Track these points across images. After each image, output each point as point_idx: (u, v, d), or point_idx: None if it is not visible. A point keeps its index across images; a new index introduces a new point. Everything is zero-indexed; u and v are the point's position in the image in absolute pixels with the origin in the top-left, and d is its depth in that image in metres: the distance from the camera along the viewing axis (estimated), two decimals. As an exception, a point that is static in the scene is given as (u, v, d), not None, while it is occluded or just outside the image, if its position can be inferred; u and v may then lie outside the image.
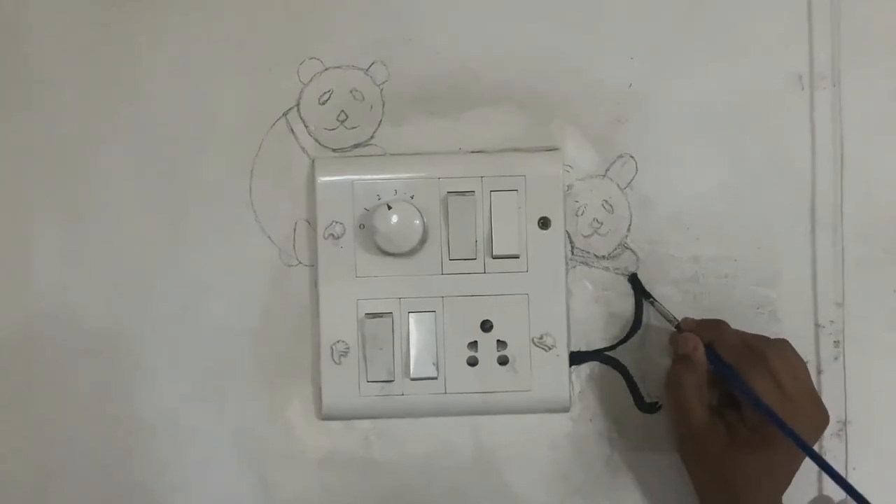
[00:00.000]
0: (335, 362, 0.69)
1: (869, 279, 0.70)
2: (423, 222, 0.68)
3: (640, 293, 0.69)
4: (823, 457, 0.69)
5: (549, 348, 0.69)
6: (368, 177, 0.69)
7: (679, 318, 0.68)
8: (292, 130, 0.70)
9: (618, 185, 0.70)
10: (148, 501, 0.70)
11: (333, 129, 0.70)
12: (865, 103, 0.70)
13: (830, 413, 0.69)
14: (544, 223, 0.69)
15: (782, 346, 0.64)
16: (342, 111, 0.70)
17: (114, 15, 0.70)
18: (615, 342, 0.70)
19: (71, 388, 0.70)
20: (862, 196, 0.70)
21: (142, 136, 0.70)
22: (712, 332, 0.65)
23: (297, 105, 0.70)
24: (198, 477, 0.70)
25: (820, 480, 0.70)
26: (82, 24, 0.70)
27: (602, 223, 0.70)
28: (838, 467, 0.69)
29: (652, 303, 0.69)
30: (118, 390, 0.70)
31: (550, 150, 0.70)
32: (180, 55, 0.70)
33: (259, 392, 0.70)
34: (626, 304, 0.70)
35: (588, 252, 0.70)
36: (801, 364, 0.64)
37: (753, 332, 0.68)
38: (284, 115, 0.70)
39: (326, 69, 0.70)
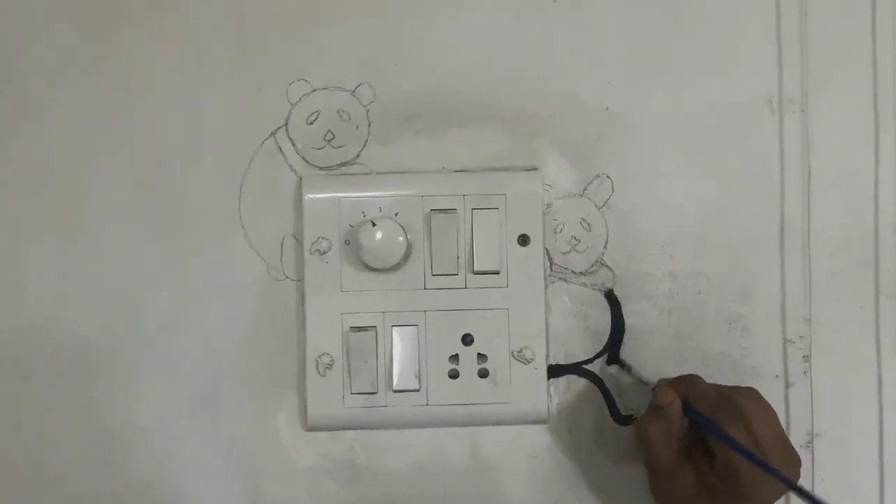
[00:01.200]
0: (320, 374, 0.70)
1: (837, 296, 0.73)
2: (407, 239, 0.70)
3: (617, 363, 0.71)
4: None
5: (528, 361, 0.71)
6: (354, 194, 0.71)
7: (654, 376, 0.70)
8: (280, 149, 0.72)
9: (595, 204, 0.72)
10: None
11: (321, 148, 0.72)
12: (831, 126, 0.73)
13: (799, 425, 0.71)
14: (524, 240, 0.71)
15: (753, 394, 0.65)
16: (329, 131, 0.72)
17: (108, 35, 0.71)
18: (592, 356, 0.72)
19: (62, 399, 0.71)
20: (829, 215, 0.73)
21: (135, 153, 0.71)
22: (686, 386, 0.66)
23: (286, 125, 0.72)
24: (187, 487, 0.71)
25: None
26: (77, 43, 0.71)
27: (580, 240, 0.72)
28: (807, 478, 0.71)
29: (628, 370, 0.71)
30: (108, 401, 0.71)
31: (530, 169, 0.72)
32: (173, 76, 0.71)
33: (247, 403, 0.71)
34: (603, 319, 0.72)
35: (566, 268, 0.72)
36: (772, 411, 0.65)
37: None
38: (273, 134, 0.72)
39: (314, 90, 0.72)
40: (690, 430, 0.66)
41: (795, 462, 0.65)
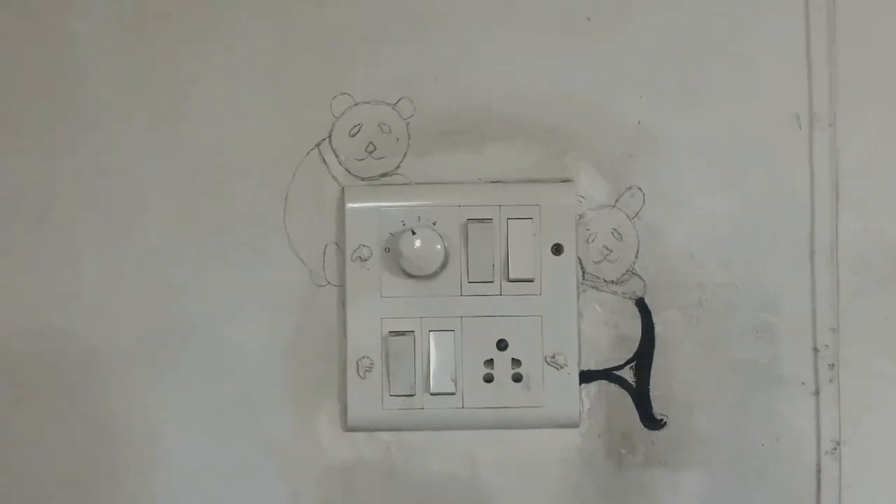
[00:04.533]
0: (360, 377, 0.73)
1: (863, 307, 0.73)
2: (445, 247, 0.72)
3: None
4: (818, 475, 0.72)
5: (561, 367, 0.73)
6: (394, 204, 0.73)
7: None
8: (324, 160, 0.74)
9: (626, 215, 0.74)
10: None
11: (362, 160, 0.74)
12: (860, 143, 0.74)
13: (826, 432, 0.72)
14: (557, 249, 0.73)
15: None
16: (371, 143, 0.74)
17: (161, 52, 0.74)
18: (623, 362, 0.74)
19: (102, 402, 0.73)
20: (857, 229, 0.74)
21: (184, 164, 0.74)
22: None
23: (329, 137, 0.74)
24: (229, 490, 0.73)
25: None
26: (131, 58, 0.74)
27: (611, 250, 0.74)
28: (834, 484, 0.72)
29: None
30: (149, 405, 0.73)
31: (564, 181, 0.74)
32: (223, 91, 0.74)
33: (288, 405, 0.73)
34: (634, 327, 0.73)
35: (598, 277, 0.74)
36: None
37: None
38: (317, 145, 0.74)
39: (357, 104, 0.74)
40: None
41: None
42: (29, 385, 0.73)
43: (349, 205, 0.73)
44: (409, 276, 0.72)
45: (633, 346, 0.74)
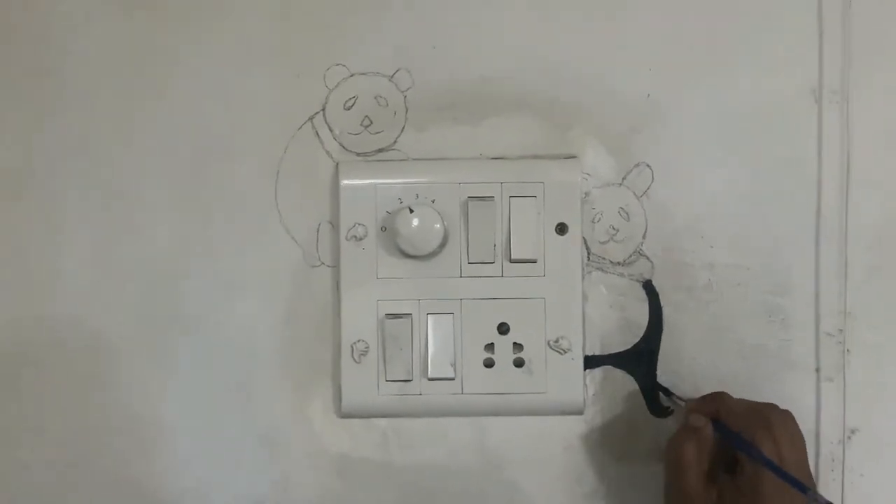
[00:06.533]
0: (355, 361, 0.70)
1: (874, 289, 0.72)
2: (444, 226, 0.69)
3: (661, 389, 0.71)
4: (832, 464, 0.71)
5: (565, 352, 0.70)
6: (391, 181, 0.71)
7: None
8: (318, 134, 0.71)
9: (634, 193, 0.71)
10: (172, 499, 0.71)
11: (357, 134, 0.71)
12: (873, 118, 0.72)
13: (837, 421, 0.71)
14: (561, 229, 0.71)
15: (786, 417, 0.65)
16: (366, 116, 0.71)
17: (148, 23, 0.71)
18: (629, 347, 0.72)
19: (95, 388, 0.71)
20: (869, 208, 0.72)
21: (172, 139, 0.71)
22: (715, 404, 0.66)
23: (323, 110, 0.71)
24: (220, 473, 0.72)
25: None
26: (118, 31, 0.71)
27: (618, 230, 0.71)
28: (847, 474, 0.71)
29: (669, 396, 0.71)
30: (142, 389, 0.71)
31: (569, 157, 0.71)
32: (211, 61, 0.71)
33: (281, 389, 0.71)
34: (641, 310, 0.71)
35: (604, 258, 0.72)
36: (801, 437, 0.64)
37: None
38: (310, 119, 0.71)
39: (352, 75, 0.71)
40: (717, 447, 0.65)
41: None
42: (22, 370, 0.72)
43: (344, 181, 0.71)
44: (407, 256, 0.70)
45: (640, 330, 0.72)
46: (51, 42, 0.72)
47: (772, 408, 0.65)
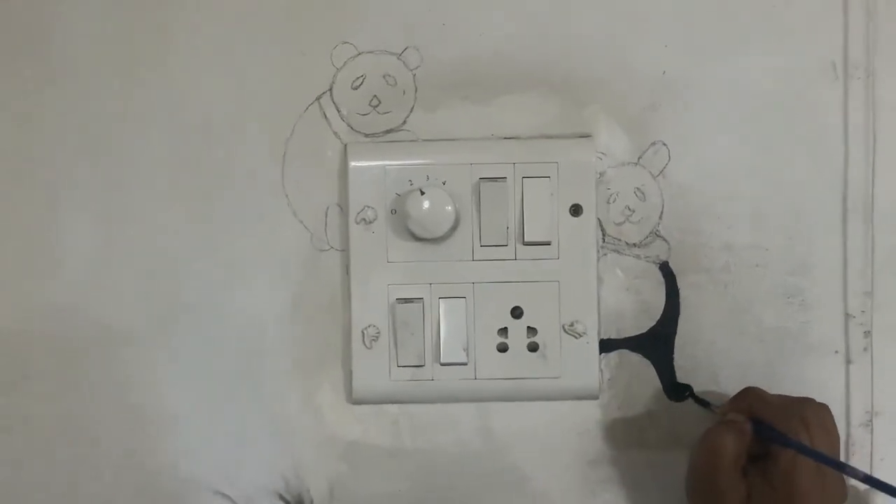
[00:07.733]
0: (366, 347, 0.69)
1: (899, 269, 0.70)
2: (455, 208, 0.68)
3: (699, 402, 0.69)
4: (850, 448, 0.69)
5: (580, 335, 0.69)
6: (400, 162, 0.69)
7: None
8: (325, 115, 0.70)
9: (650, 173, 0.70)
10: (181, 488, 0.70)
11: (366, 115, 0.70)
12: (898, 93, 0.69)
13: (858, 404, 0.69)
14: (576, 210, 0.69)
15: (822, 411, 0.63)
16: (375, 96, 0.70)
17: (149, 0, 0.70)
18: (646, 330, 0.70)
19: (102, 376, 0.70)
20: (894, 185, 0.70)
21: (175, 120, 0.70)
22: (749, 400, 0.65)
23: (330, 90, 0.70)
24: (230, 461, 0.71)
25: None
26: (118, 9, 0.70)
27: (634, 211, 0.70)
28: (866, 458, 0.69)
29: (707, 407, 0.69)
30: (150, 376, 0.70)
31: (583, 136, 0.70)
32: (214, 39, 0.69)
33: (291, 376, 0.70)
34: (658, 293, 0.70)
35: (619, 240, 0.70)
36: (836, 431, 0.63)
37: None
38: (317, 99, 0.70)
39: (360, 54, 0.69)
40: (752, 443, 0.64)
41: (843, 492, 0.63)
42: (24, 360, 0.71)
43: (352, 163, 0.69)
44: (418, 239, 0.68)
45: (657, 313, 0.70)
46: (47, 20, 0.70)
47: (808, 401, 0.64)
